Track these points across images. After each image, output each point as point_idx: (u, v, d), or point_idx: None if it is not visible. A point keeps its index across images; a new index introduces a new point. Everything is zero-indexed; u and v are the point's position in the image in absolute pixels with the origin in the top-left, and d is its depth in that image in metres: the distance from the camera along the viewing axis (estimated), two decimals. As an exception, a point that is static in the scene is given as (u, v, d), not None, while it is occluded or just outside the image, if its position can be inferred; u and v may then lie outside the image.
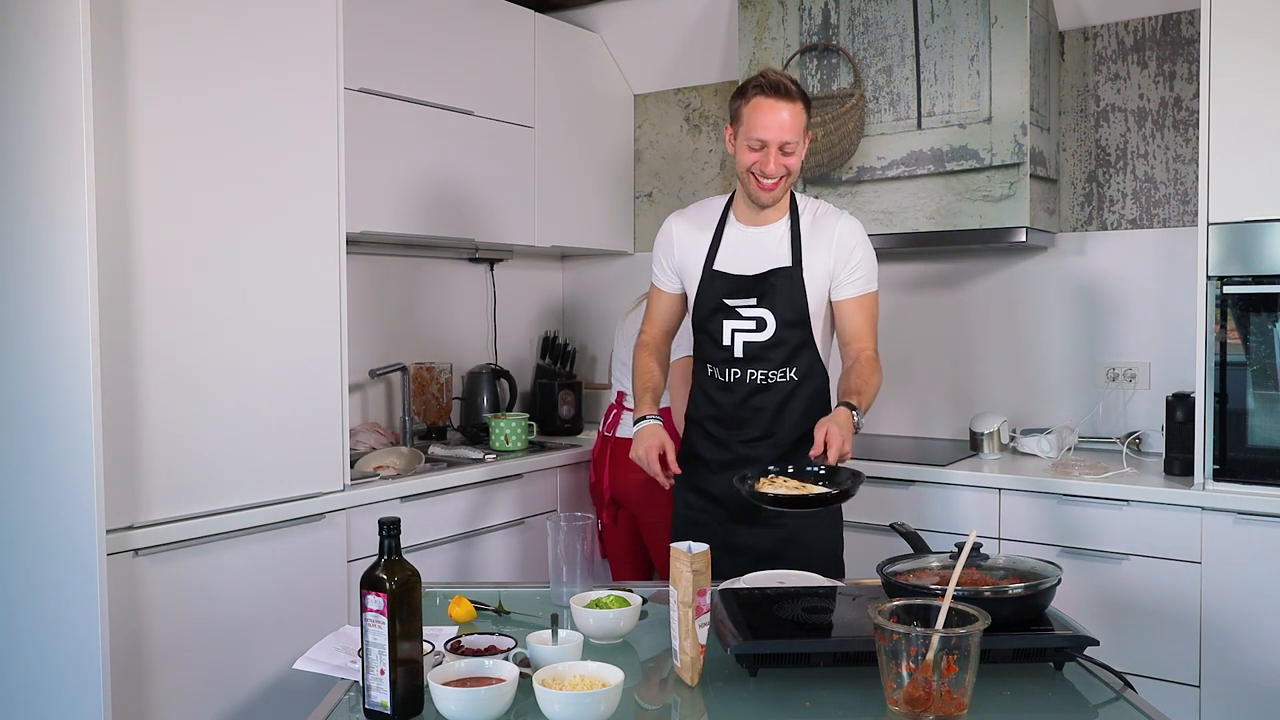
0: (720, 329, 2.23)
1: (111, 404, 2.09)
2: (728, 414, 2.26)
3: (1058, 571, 1.61)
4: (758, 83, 2.14)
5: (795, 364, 2.22)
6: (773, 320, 2.20)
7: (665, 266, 2.34)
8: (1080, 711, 1.45)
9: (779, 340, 2.20)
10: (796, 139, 2.13)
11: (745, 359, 2.22)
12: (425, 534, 2.83)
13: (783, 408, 2.23)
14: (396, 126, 3.04)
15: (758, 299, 2.20)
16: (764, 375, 2.22)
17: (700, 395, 2.31)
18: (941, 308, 3.41)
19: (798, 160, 2.16)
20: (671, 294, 2.36)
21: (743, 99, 2.16)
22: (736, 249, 2.25)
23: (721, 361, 2.25)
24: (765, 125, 2.11)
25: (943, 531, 2.79)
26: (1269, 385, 2.49)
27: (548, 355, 3.90)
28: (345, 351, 2.59)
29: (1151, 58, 3.08)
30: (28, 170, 2.13)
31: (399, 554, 1.41)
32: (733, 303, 2.22)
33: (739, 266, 2.23)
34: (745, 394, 2.24)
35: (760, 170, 2.14)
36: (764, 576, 1.92)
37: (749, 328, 2.21)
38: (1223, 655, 2.49)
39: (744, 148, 2.16)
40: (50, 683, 2.15)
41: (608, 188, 3.89)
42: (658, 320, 2.39)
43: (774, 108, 2.11)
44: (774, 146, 2.12)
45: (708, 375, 2.28)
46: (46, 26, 2.07)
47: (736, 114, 2.18)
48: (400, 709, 1.39)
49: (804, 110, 2.15)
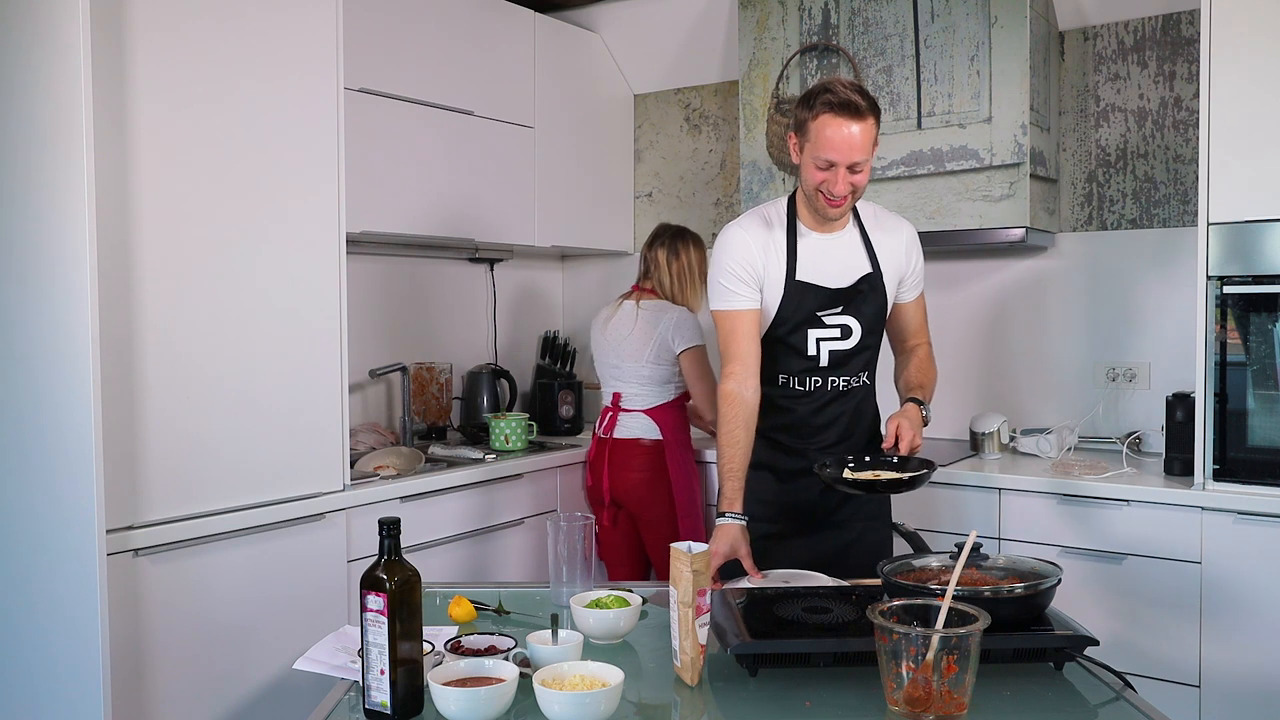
0: (805, 340, 2.15)
1: (111, 404, 2.09)
2: (803, 422, 2.19)
3: (1058, 571, 1.61)
4: (826, 99, 1.99)
5: (869, 368, 2.22)
6: (858, 327, 2.15)
7: (747, 277, 2.11)
8: (1080, 711, 1.45)
9: (863, 346, 2.17)
10: (866, 156, 2.01)
11: (829, 367, 2.16)
12: (425, 534, 2.83)
13: (857, 411, 2.23)
14: (396, 126, 3.04)
15: (844, 307, 2.14)
16: (845, 381, 2.18)
17: (767, 406, 2.16)
18: (941, 308, 3.40)
19: (865, 176, 2.04)
20: (754, 310, 2.13)
21: (809, 112, 2.01)
22: (815, 258, 2.14)
23: (802, 371, 2.17)
24: (834, 145, 1.98)
25: (943, 531, 2.79)
26: (1269, 385, 2.49)
27: (548, 355, 3.90)
28: (345, 351, 2.59)
29: (1151, 58, 3.08)
30: (28, 171, 2.13)
31: (399, 554, 1.41)
32: (821, 313, 2.14)
33: (824, 277, 2.14)
34: (825, 401, 2.18)
35: (829, 190, 2.04)
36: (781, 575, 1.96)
37: (834, 336, 2.15)
38: (1223, 655, 2.49)
39: (810, 164, 2.03)
40: (50, 683, 2.15)
41: (608, 188, 3.89)
42: (746, 354, 2.12)
43: (843, 126, 1.97)
44: (843, 166, 2.00)
45: (778, 385, 2.18)
46: (46, 27, 2.07)
47: (802, 126, 2.04)
48: (400, 709, 1.39)
49: (874, 124, 2.01)
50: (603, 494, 3.08)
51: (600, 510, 3.11)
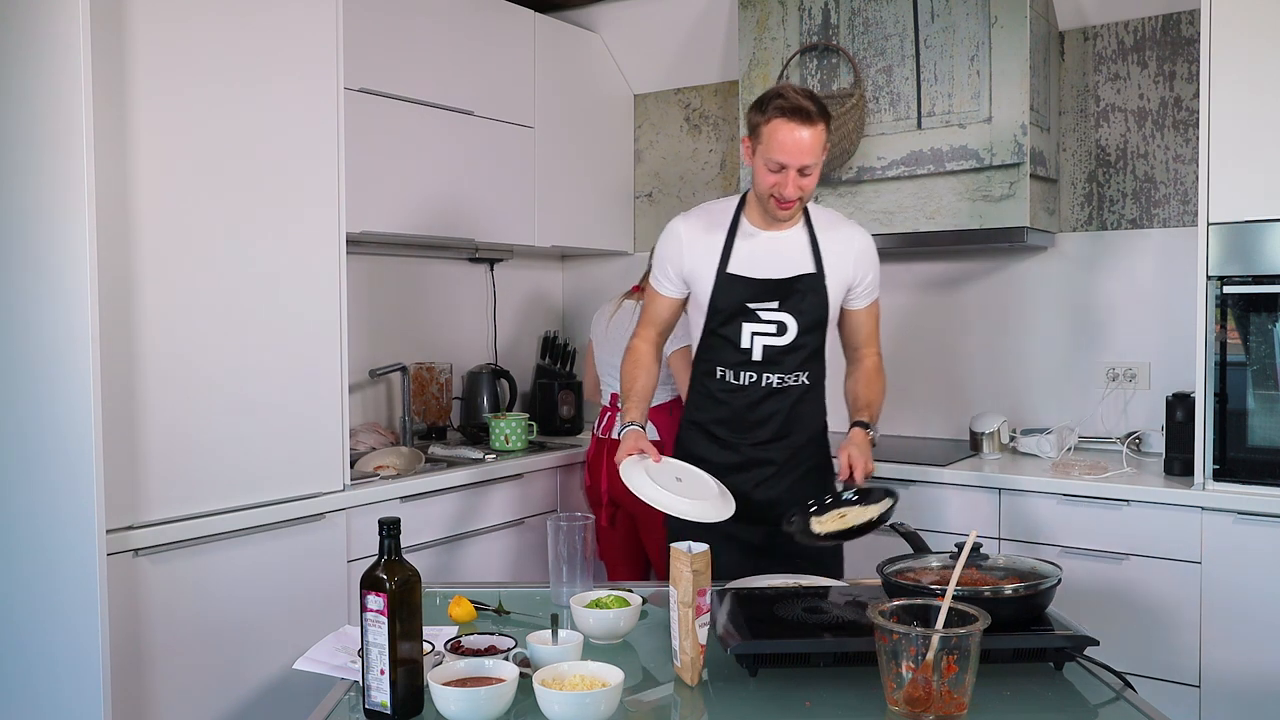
0: (739, 332, 2.22)
1: (111, 404, 2.09)
2: (738, 416, 2.26)
3: (1058, 571, 1.61)
4: (779, 104, 2.09)
5: (808, 368, 2.25)
6: (794, 325, 2.21)
7: (670, 271, 2.28)
8: (1080, 711, 1.45)
9: (798, 345, 2.22)
10: (815, 160, 2.11)
11: (763, 362, 2.23)
12: (425, 534, 2.83)
13: (794, 410, 2.26)
14: (396, 126, 3.04)
15: (780, 303, 2.21)
16: (779, 379, 2.24)
17: (704, 398, 2.30)
18: (942, 308, 3.41)
19: (814, 180, 2.14)
20: (673, 299, 2.31)
21: (762, 116, 2.11)
22: (753, 253, 2.23)
23: (736, 364, 2.24)
24: (785, 149, 2.08)
25: (943, 531, 2.79)
26: (1269, 385, 2.49)
27: (548, 355, 3.90)
28: (345, 351, 2.59)
29: (1151, 58, 3.08)
30: (28, 171, 2.13)
31: (399, 554, 1.41)
32: (754, 306, 2.21)
33: (758, 270, 2.22)
34: (759, 397, 2.25)
35: (779, 193, 2.13)
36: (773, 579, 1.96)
37: (769, 331, 2.22)
38: (1223, 655, 2.49)
39: (762, 167, 2.13)
40: (50, 682, 2.15)
41: (608, 188, 3.89)
42: (656, 323, 2.35)
43: (795, 130, 2.07)
44: (793, 169, 2.09)
45: (716, 378, 2.27)
46: (47, 28, 2.07)
47: (755, 130, 2.14)
48: (400, 709, 1.39)
49: (824, 129, 2.11)
50: (601, 494, 3.08)
51: (599, 510, 3.11)
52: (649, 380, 2.30)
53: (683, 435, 2.36)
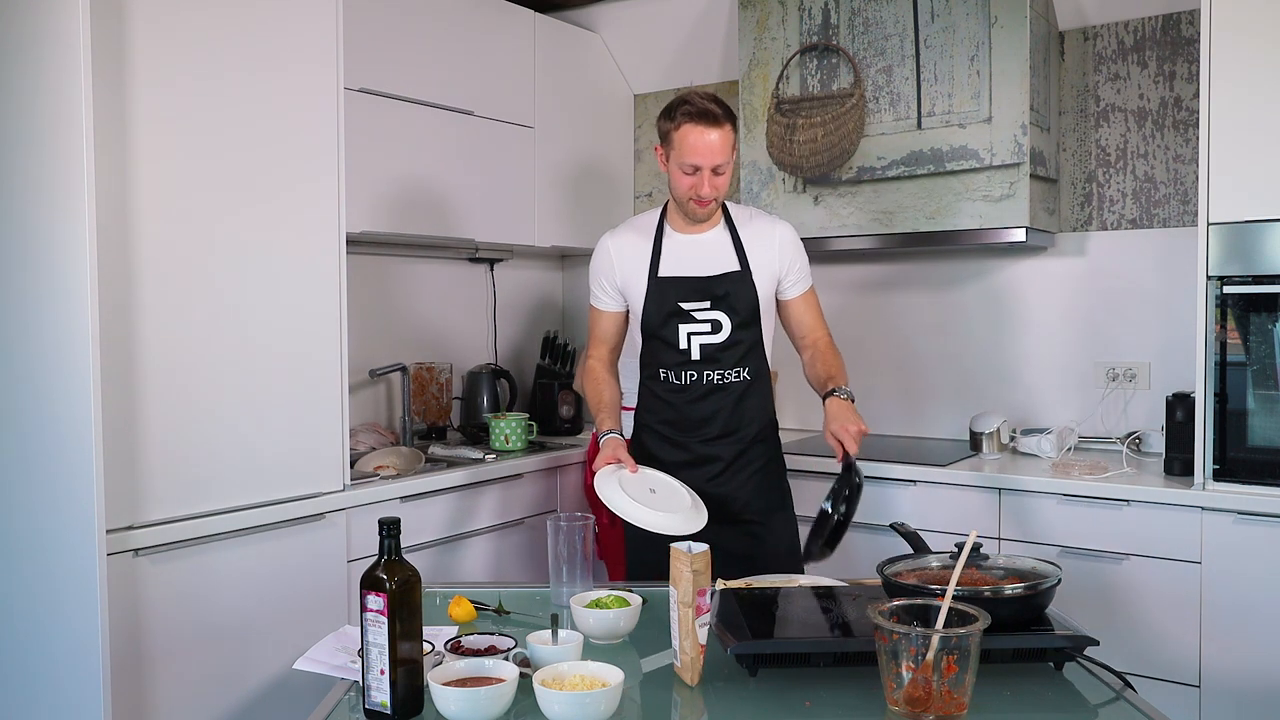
0: (675, 333, 2.31)
1: (111, 404, 2.09)
2: (683, 415, 2.34)
3: (1058, 571, 1.61)
4: (686, 110, 2.20)
5: (748, 363, 2.33)
6: (728, 322, 2.29)
7: (606, 285, 2.39)
8: (1080, 711, 1.45)
9: (734, 341, 2.30)
10: (726, 159, 2.22)
11: (701, 360, 2.31)
12: (425, 534, 2.83)
13: (738, 406, 2.33)
14: (396, 126, 3.04)
15: (711, 302, 2.29)
16: (719, 375, 2.31)
17: (651, 400, 2.39)
18: (941, 308, 3.41)
19: (728, 178, 2.25)
20: (614, 313, 2.42)
21: (671, 123, 2.22)
22: (680, 255, 2.33)
23: (676, 365, 2.32)
24: (697, 151, 2.19)
25: (943, 531, 2.78)
26: (1269, 385, 2.49)
27: (548, 355, 3.90)
28: (345, 351, 2.59)
29: (1151, 58, 3.08)
30: (28, 170, 2.13)
31: (399, 554, 1.41)
32: (687, 306, 2.29)
33: (686, 269, 2.31)
34: (701, 395, 2.32)
35: (696, 193, 2.23)
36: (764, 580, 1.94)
37: (704, 330, 2.30)
38: (1223, 655, 2.49)
39: (677, 171, 2.24)
40: (50, 682, 2.15)
41: (608, 188, 3.89)
42: (605, 340, 2.44)
43: (704, 134, 2.18)
44: (707, 170, 2.20)
45: (660, 380, 2.35)
46: (47, 27, 2.07)
47: (666, 137, 2.25)
48: (400, 709, 1.39)
49: (731, 130, 2.22)
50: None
51: (599, 510, 3.10)
52: (613, 392, 2.39)
53: (636, 437, 2.42)
